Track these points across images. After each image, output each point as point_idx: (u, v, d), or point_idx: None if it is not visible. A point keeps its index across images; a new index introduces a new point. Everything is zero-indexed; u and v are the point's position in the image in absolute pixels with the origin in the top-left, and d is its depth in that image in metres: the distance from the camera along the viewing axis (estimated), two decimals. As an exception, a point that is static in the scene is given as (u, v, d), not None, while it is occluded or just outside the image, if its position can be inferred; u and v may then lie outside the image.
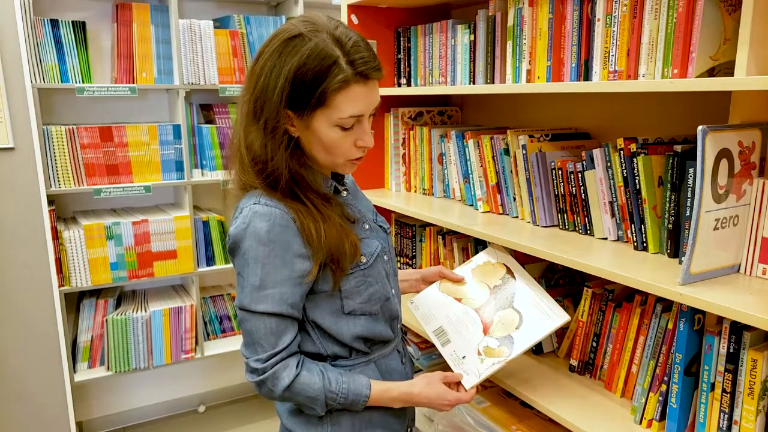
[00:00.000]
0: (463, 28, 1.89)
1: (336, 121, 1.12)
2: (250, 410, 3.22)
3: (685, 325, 1.19)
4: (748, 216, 1.17)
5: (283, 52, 1.09)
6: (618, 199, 1.43)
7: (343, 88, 1.09)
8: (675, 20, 1.22)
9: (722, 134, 1.10)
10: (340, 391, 1.18)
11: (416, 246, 2.25)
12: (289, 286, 1.13)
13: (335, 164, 1.20)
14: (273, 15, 2.92)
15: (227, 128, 2.76)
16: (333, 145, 1.15)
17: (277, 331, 1.14)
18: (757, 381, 1.11)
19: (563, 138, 1.72)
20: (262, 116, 1.12)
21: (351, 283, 1.20)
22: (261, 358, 1.14)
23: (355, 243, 1.19)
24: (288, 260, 1.12)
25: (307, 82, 1.08)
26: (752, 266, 1.18)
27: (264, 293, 1.12)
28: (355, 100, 1.11)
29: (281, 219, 1.12)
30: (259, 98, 1.12)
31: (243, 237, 1.13)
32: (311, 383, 1.16)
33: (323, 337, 1.23)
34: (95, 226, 2.52)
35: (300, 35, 1.09)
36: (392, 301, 1.31)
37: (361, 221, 1.28)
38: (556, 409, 1.43)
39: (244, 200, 1.18)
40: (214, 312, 3.00)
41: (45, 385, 2.51)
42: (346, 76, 1.08)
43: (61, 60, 2.41)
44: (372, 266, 1.24)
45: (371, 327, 1.25)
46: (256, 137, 1.14)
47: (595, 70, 1.43)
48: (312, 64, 1.07)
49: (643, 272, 1.23)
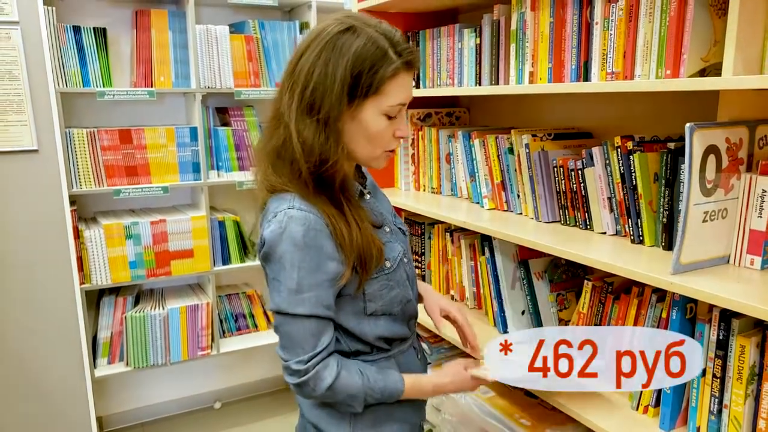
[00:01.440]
0: (470, 32, 1.96)
1: (385, 109, 1.15)
2: (265, 407, 3.26)
3: (677, 314, 1.25)
4: (737, 209, 1.22)
5: (337, 45, 1.12)
6: (616, 195, 1.49)
7: (395, 75, 1.13)
8: (667, 23, 1.27)
9: (710, 131, 1.16)
10: (378, 387, 1.21)
11: (425, 243, 2.32)
12: (324, 288, 1.15)
13: (373, 156, 1.22)
14: (287, 20, 2.98)
15: (242, 131, 2.83)
16: (377, 135, 1.17)
17: (317, 333, 1.16)
18: (745, 366, 1.16)
19: (565, 137, 1.78)
20: (322, 109, 1.12)
21: (374, 287, 1.23)
22: (302, 359, 1.15)
23: (381, 248, 1.22)
24: (322, 263, 1.14)
25: (366, 70, 1.11)
26: (741, 257, 1.23)
27: (301, 296, 1.14)
28: (403, 87, 1.16)
29: (315, 223, 1.13)
30: (316, 90, 1.12)
31: (279, 242, 1.13)
32: (352, 382, 1.18)
33: (346, 336, 1.25)
34: (115, 226, 2.59)
35: (352, 28, 1.13)
36: (412, 303, 1.35)
37: (384, 225, 1.31)
38: (559, 397, 1.48)
39: (275, 203, 1.18)
40: (230, 310, 3.05)
41: (66, 380, 2.57)
42: (397, 65, 1.13)
43: (83, 65, 2.49)
44: (395, 271, 1.27)
45: (392, 327, 1.29)
46: (311, 132, 1.13)
47: (593, 72, 1.49)
48: (369, 53, 1.11)
49: (638, 264, 1.29)
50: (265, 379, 3.43)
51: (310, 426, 1.31)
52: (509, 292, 1.84)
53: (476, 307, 2.05)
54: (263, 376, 3.42)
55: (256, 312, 3.11)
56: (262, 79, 2.82)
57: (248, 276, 3.22)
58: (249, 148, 2.84)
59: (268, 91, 2.80)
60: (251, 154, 2.85)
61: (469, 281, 2.06)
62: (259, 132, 2.87)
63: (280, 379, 3.46)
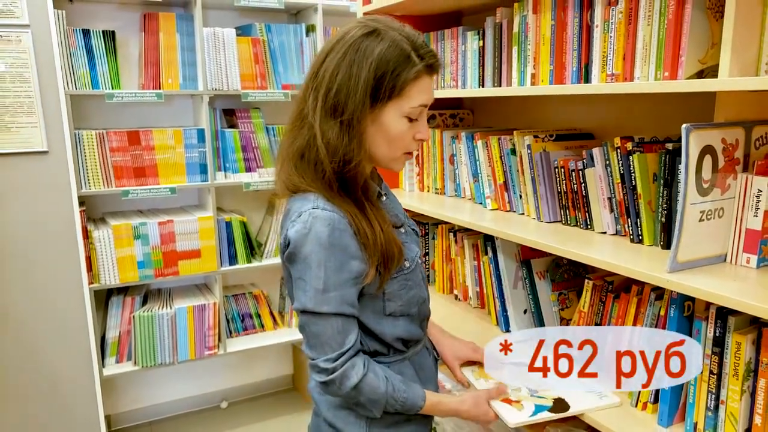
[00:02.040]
0: (473, 35, 1.98)
1: (407, 111, 1.17)
2: (272, 406, 3.30)
3: (675, 311, 1.27)
4: (733, 208, 1.24)
5: (361, 47, 1.13)
6: (616, 195, 1.51)
7: (417, 78, 1.15)
8: (665, 26, 1.29)
9: (706, 132, 1.18)
10: (400, 399, 1.23)
11: (429, 243, 2.34)
12: (348, 287, 1.17)
13: (393, 158, 1.23)
14: (293, 23, 3.01)
15: (249, 132, 2.86)
16: (398, 137, 1.19)
17: (344, 331, 1.18)
18: (741, 363, 1.18)
19: (567, 138, 1.80)
20: (346, 110, 1.14)
21: (394, 287, 1.25)
22: (330, 357, 1.17)
23: (401, 248, 1.24)
24: (346, 263, 1.16)
25: (389, 72, 1.13)
26: (737, 255, 1.25)
27: (328, 296, 1.15)
28: (424, 90, 1.18)
29: (339, 223, 1.15)
30: (340, 92, 1.14)
31: (304, 242, 1.14)
32: (377, 387, 1.20)
33: (365, 335, 1.27)
34: (123, 226, 2.63)
35: (376, 31, 1.15)
36: (426, 303, 1.38)
37: (401, 226, 1.34)
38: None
39: (299, 203, 1.19)
40: (237, 310, 3.09)
41: (75, 379, 2.60)
42: (420, 69, 1.15)
43: (92, 67, 2.53)
44: (413, 271, 1.30)
45: (409, 328, 1.31)
46: (334, 134, 1.15)
47: (594, 73, 1.51)
48: (392, 56, 1.13)
49: (636, 262, 1.31)
50: (271, 379, 3.46)
51: (326, 425, 1.32)
52: (511, 292, 1.86)
53: (479, 307, 2.07)
54: (270, 376, 3.45)
55: (263, 312, 3.15)
56: (269, 82, 2.85)
57: (255, 276, 3.25)
58: (256, 150, 2.88)
59: (274, 93, 2.83)
60: (258, 155, 2.88)
61: (472, 281, 2.09)
62: (266, 134, 2.90)
63: (287, 379, 3.50)
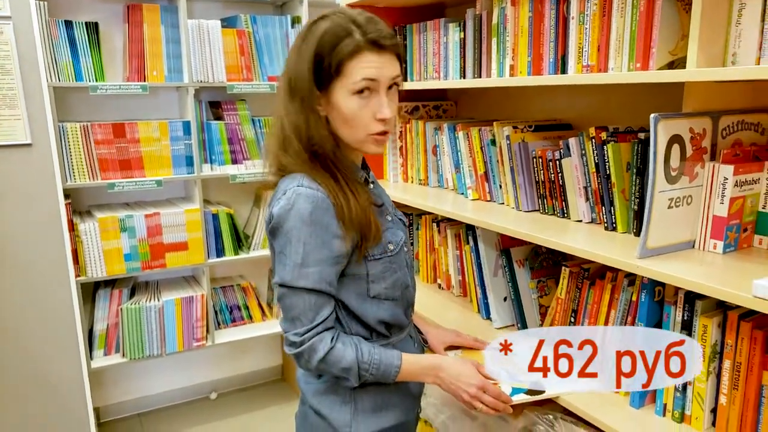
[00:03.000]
0: (454, 26, 2.00)
1: (351, 88, 1.18)
2: (261, 397, 3.31)
3: (646, 297, 1.31)
4: (701, 196, 1.28)
5: (309, 31, 1.20)
6: (591, 184, 1.54)
7: (355, 54, 1.16)
8: (638, 18, 1.32)
9: (674, 122, 1.21)
10: (372, 362, 1.24)
11: (414, 234, 2.37)
12: (327, 264, 1.20)
13: (358, 140, 1.25)
14: (279, 14, 3.01)
15: (235, 124, 2.87)
16: (352, 116, 1.20)
17: (315, 307, 1.21)
18: (708, 345, 1.22)
19: (546, 129, 1.83)
20: (297, 94, 1.21)
21: (378, 268, 1.28)
22: (299, 331, 1.20)
23: (378, 226, 1.26)
24: (327, 241, 1.19)
25: (325, 53, 1.17)
26: (705, 242, 1.29)
27: (306, 271, 1.19)
28: (367, 65, 1.17)
29: (323, 202, 1.19)
30: (292, 78, 1.21)
31: (287, 217, 1.19)
32: (345, 355, 1.22)
33: (349, 317, 1.30)
34: (109, 219, 2.63)
35: (323, 17, 1.21)
36: (410, 289, 1.41)
37: (386, 211, 1.37)
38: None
39: (285, 182, 1.24)
40: (225, 302, 3.09)
41: (63, 372, 2.59)
42: (358, 43, 1.16)
43: (76, 59, 2.52)
44: (397, 254, 1.32)
45: (393, 312, 1.34)
46: (296, 115, 1.22)
47: (570, 65, 1.54)
48: (328, 37, 1.17)
49: (609, 249, 1.35)
50: (260, 370, 3.48)
51: (312, 412, 1.35)
52: (492, 280, 1.89)
53: (461, 295, 2.11)
54: (259, 367, 3.47)
55: (251, 304, 3.16)
56: (254, 73, 2.86)
57: (242, 268, 3.26)
58: (242, 142, 2.89)
59: (260, 85, 2.84)
60: (244, 147, 2.89)
61: (454, 270, 2.12)
62: (252, 125, 2.91)
63: (276, 370, 3.52)
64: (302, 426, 1.40)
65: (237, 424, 3.08)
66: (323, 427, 1.33)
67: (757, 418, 1.21)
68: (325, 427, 1.32)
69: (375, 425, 1.33)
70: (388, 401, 1.35)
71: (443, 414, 1.82)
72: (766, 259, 1.23)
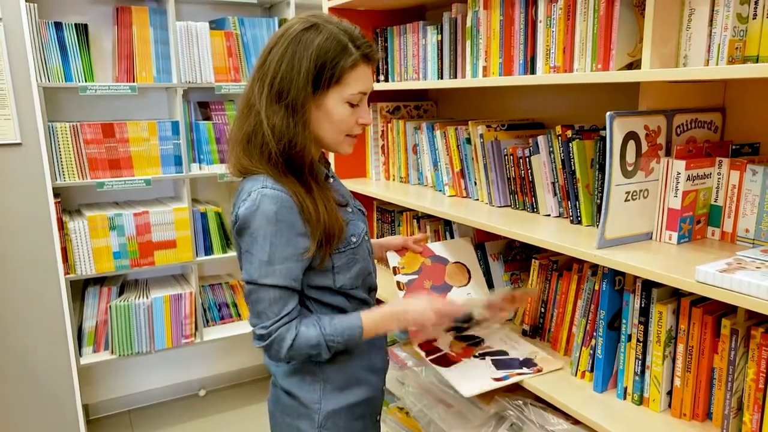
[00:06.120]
0: (432, 29, 2.07)
1: (347, 98, 1.27)
2: (249, 394, 3.35)
3: (607, 285, 1.38)
4: (657, 190, 1.35)
5: (302, 40, 1.24)
6: (558, 180, 1.61)
7: (355, 67, 1.26)
8: (598, 22, 1.39)
9: (629, 119, 1.28)
10: (336, 330, 1.29)
11: (396, 230, 2.43)
12: (293, 261, 1.25)
13: (337, 141, 1.33)
14: (266, 17, 3.06)
15: (223, 124, 2.92)
16: (341, 121, 1.29)
17: (281, 301, 1.26)
18: (663, 330, 1.29)
19: (518, 128, 1.90)
20: (288, 97, 1.24)
21: (342, 260, 1.34)
22: (266, 324, 1.26)
23: (342, 226, 1.33)
24: (292, 239, 1.24)
25: (328, 62, 1.24)
26: (661, 233, 1.36)
27: (272, 268, 1.24)
28: (362, 78, 1.28)
29: (287, 202, 1.24)
30: (283, 81, 1.24)
31: (253, 218, 1.23)
32: (309, 335, 1.27)
33: (318, 305, 1.37)
34: (99, 218, 2.67)
35: (315, 25, 1.26)
36: (372, 275, 1.48)
37: (347, 205, 1.43)
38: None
39: (249, 183, 1.28)
40: (213, 299, 3.14)
41: (52, 369, 2.63)
42: (356, 57, 1.26)
43: (65, 61, 2.56)
44: (360, 246, 1.39)
45: (360, 297, 1.41)
46: (279, 118, 1.25)
47: (538, 65, 1.61)
48: (331, 47, 1.24)
49: (571, 241, 1.42)
50: (249, 367, 3.51)
51: (283, 393, 1.42)
52: (468, 273, 1.95)
53: (440, 289, 2.17)
54: (247, 364, 3.51)
55: (239, 301, 3.20)
56: (242, 74, 2.91)
57: (231, 266, 3.31)
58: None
59: (247, 87, 2.88)
60: (231, 147, 2.94)
61: (433, 265, 2.18)
62: (239, 126, 2.96)
63: (264, 368, 3.56)
64: (276, 408, 1.46)
65: (226, 420, 3.11)
66: (294, 407, 1.39)
67: (709, 399, 1.28)
68: (297, 406, 1.39)
69: (343, 401, 1.40)
70: (355, 379, 1.42)
71: (420, 403, 1.88)
72: (717, 249, 1.30)
